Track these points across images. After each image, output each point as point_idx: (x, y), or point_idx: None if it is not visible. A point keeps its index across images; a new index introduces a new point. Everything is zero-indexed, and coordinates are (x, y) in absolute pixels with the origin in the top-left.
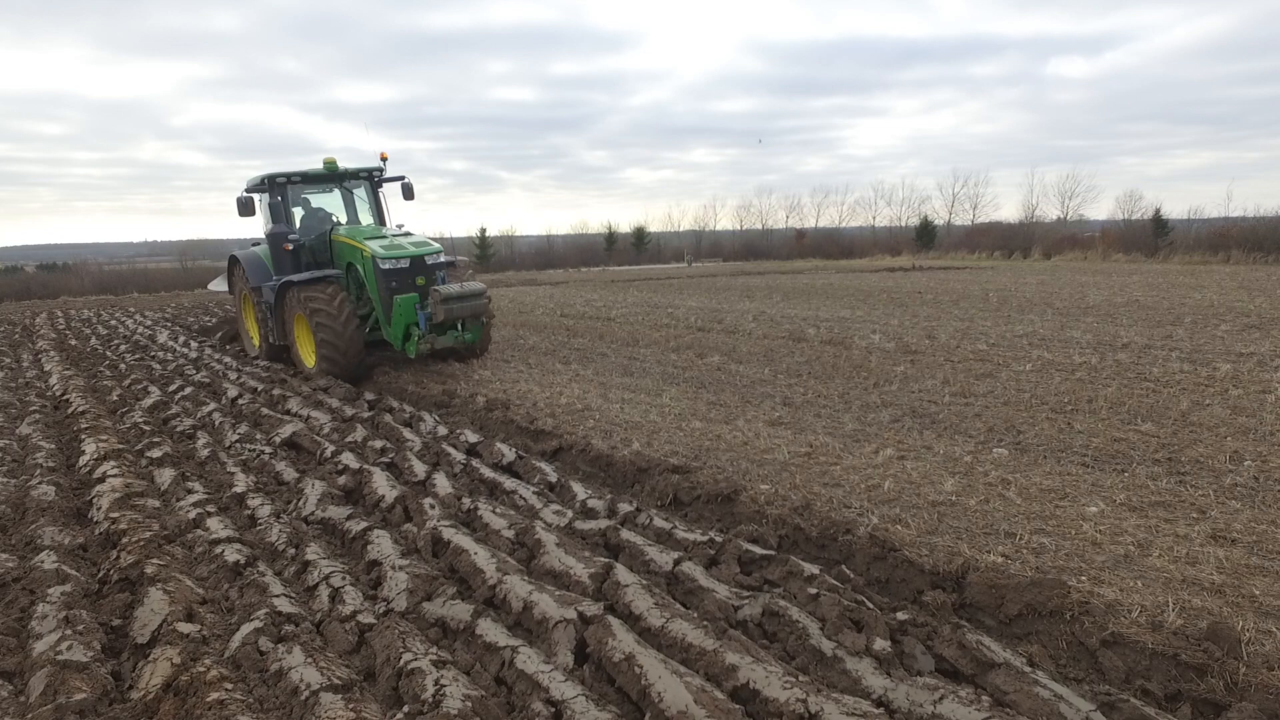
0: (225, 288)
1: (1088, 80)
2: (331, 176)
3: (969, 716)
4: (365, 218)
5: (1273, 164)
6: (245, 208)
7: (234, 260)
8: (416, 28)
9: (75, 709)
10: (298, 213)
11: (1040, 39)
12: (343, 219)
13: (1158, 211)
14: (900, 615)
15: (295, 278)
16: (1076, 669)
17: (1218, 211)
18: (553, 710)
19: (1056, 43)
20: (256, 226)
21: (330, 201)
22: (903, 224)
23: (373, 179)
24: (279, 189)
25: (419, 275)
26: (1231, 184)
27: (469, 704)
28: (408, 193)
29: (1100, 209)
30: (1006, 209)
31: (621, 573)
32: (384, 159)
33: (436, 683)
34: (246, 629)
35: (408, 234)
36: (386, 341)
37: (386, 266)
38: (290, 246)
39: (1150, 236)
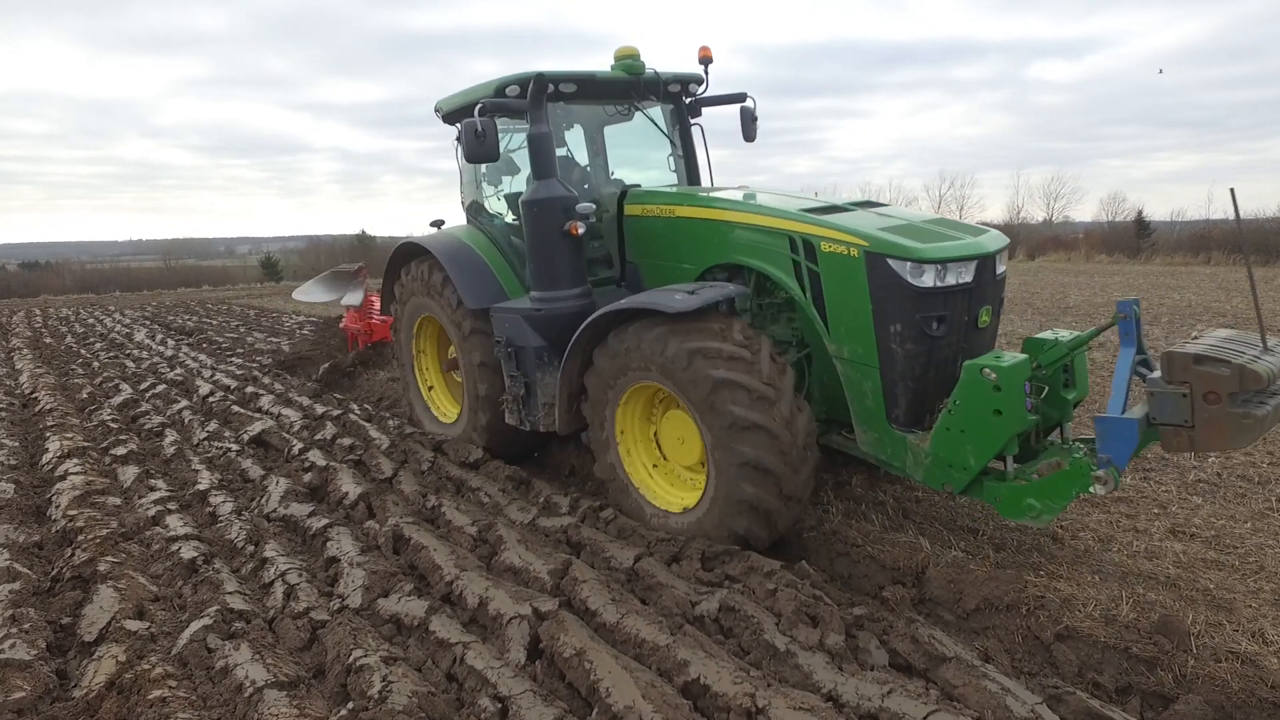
0: (328, 295)
1: (1070, 84)
2: (630, 87)
3: (915, 709)
4: (634, 171)
5: (1254, 167)
6: (481, 142)
7: (409, 253)
8: (401, 27)
9: (13, 707)
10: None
11: (1021, 43)
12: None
13: (1140, 213)
14: (857, 610)
15: (648, 303)
16: (1030, 663)
17: (1199, 214)
18: (499, 706)
19: (1038, 46)
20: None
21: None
22: None
23: (685, 96)
24: (541, 104)
25: (983, 305)
26: (1213, 186)
27: (415, 700)
28: (749, 127)
29: (1085, 211)
30: (993, 210)
31: (580, 569)
32: (707, 58)
33: (384, 679)
34: (195, 626)
35: (867, 202)
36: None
37: (924, 283)
38: (581, 229)
39: (1133, 238)
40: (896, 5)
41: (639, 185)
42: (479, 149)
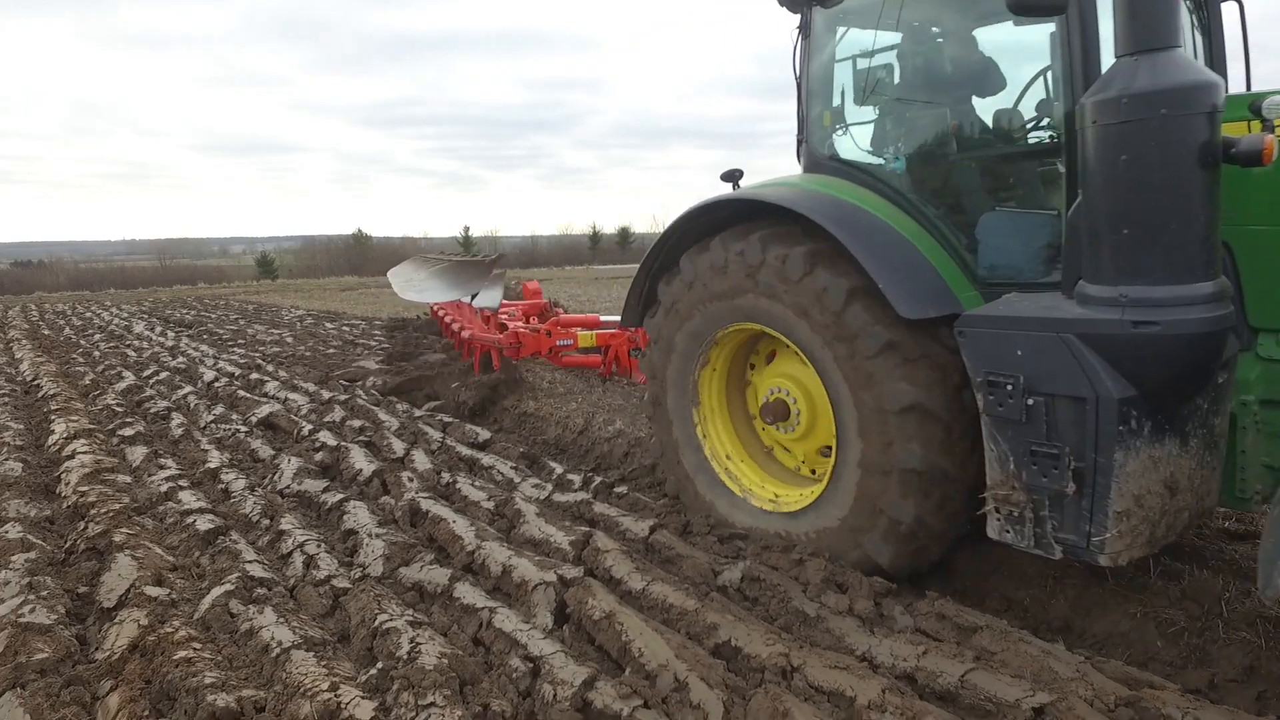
0: (449, 293)
1: None
2: None
3: (952, 668)
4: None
5: None
6: None
7: (712, 220)
8: (396, 28)
9: (36, 668)
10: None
11: (1014, 45)
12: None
13: None
14: (879, 579)
15: None
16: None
17: None
18: (531, 666)
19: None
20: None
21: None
22: None
23: None
24: None
25: None
26: None
27: (445, 660)
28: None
29: None
30: None
31: (601, 539)
32: None
33: (412, 641)
34: (217, 592)
35: None
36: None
37: None
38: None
39: None
40: None
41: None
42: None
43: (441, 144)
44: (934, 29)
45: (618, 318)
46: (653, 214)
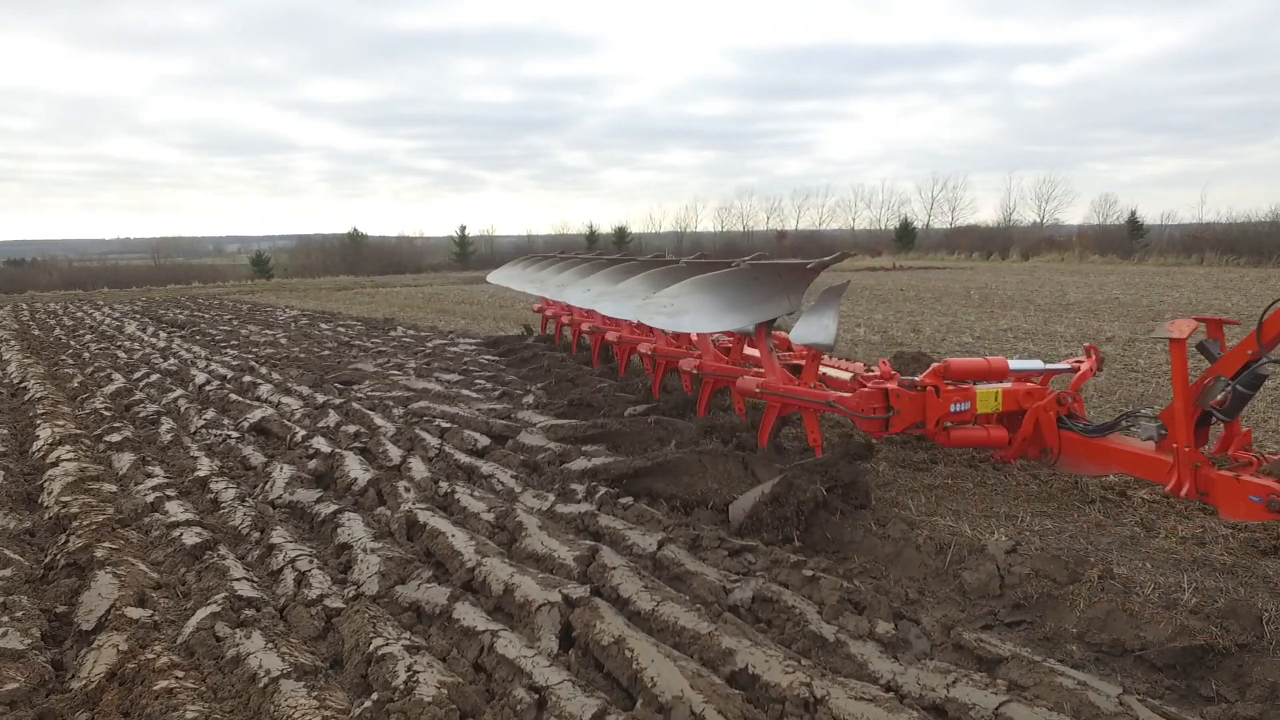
0: (738, 316)
1: (1055, 88)
2: None
3: (986, 700)
4: None
5: (1238, 171)
6: None
7: None
8: (389, 27)
9: (6, 699)
10: None
11: (1007, 46)
12: None
13: (1133, 214)
14: (894, 603)
15: None
16: (1088, 650)
17: (1191, 216)
18: (536, 697)
19: (1023, 50)
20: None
21: None
22: (882, 226)
23: None
24: None
25: None
26: (1205, 189)
27: (444, 691)
28: None
29: (1075, 213)
30: (984, 212)
31: (608, 555)
32: None
33: (409, 669)
34: (202, 614)
35: None
36: None
37: None
38: None
39: (1126, 239)
40: (882, 8)
41: None
42: None
43: (436, 143)
44: None
45: (1032, 363)
46: (649, 213)
